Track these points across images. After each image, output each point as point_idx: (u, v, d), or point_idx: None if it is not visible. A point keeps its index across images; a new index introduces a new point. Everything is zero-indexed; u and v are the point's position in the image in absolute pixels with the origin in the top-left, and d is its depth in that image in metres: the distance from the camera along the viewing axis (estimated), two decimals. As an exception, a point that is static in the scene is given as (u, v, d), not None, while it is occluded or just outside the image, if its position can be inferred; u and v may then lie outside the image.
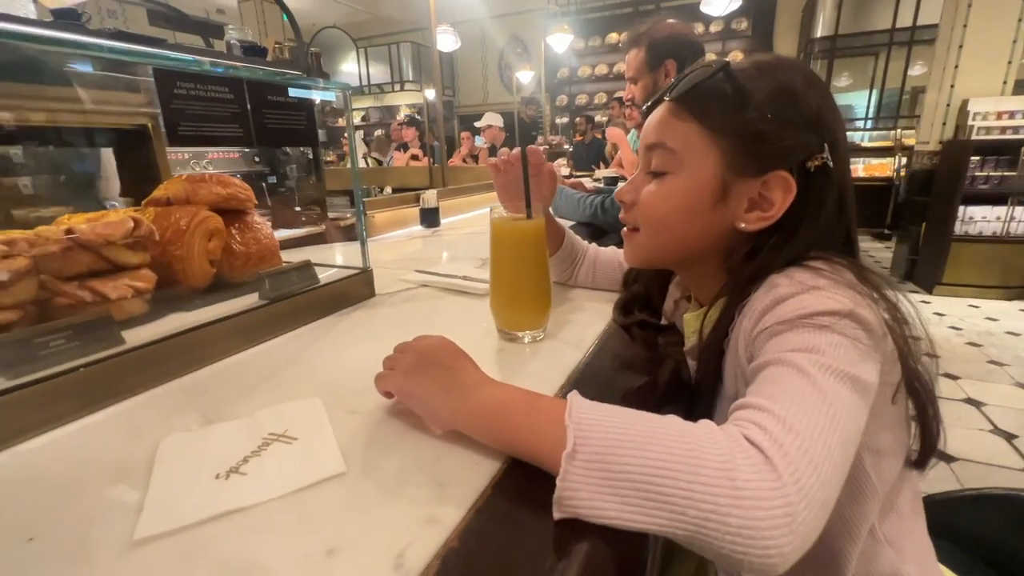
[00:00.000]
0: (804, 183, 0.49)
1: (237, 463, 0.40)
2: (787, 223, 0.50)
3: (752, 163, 0.50)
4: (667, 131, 0.54)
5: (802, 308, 0.42)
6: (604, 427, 0.34)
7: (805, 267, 0.47)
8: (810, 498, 0.30)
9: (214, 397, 0.53)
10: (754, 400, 0.37)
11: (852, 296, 0.43)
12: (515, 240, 0.61)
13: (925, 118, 3.91)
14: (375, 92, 8.37)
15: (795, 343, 0.40)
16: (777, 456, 0.31)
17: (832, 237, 0.51)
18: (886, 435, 0.49)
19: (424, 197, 1.61)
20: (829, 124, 0.50)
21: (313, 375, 0.57)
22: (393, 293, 0.87)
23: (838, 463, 0.33)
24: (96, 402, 0.50)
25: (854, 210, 0.52)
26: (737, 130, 0.50)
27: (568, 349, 0.62)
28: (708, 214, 0.52)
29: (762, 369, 0.40)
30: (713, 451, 0.32)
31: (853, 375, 0.38)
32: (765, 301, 0.45)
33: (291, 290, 0.71)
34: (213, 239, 0.70)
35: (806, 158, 0.49)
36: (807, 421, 0.34)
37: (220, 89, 0.59)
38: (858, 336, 0.40)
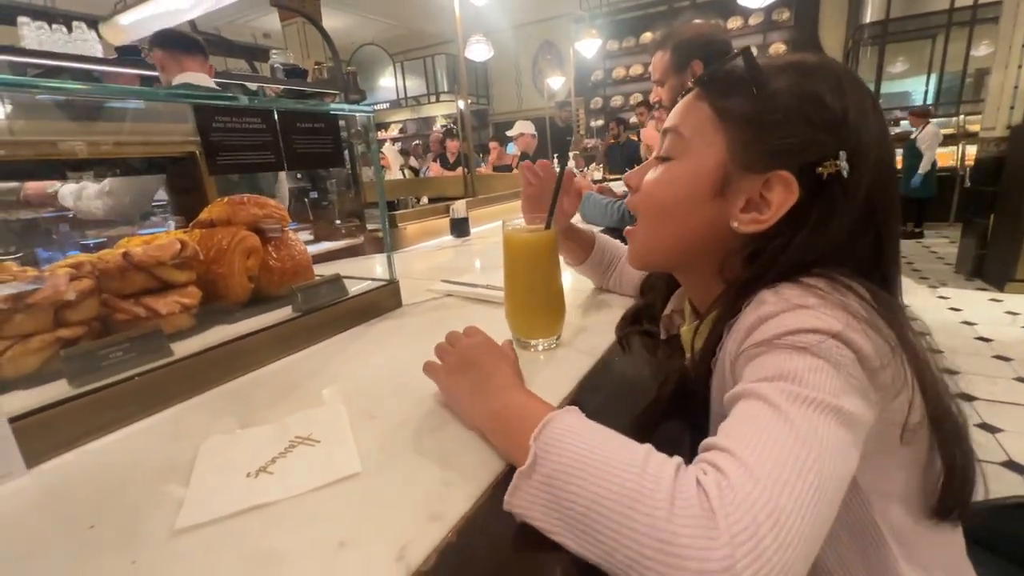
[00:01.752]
0: (813, 190, 0.45)
1: (266, 463, 0.44)
2: (788, 232, 0.46)
3: (756, 157, 0.47)
4: (682, 115, 0.52)
5: (782, 327, 0.39)
6: (565, 449, 0.34)
7: (798, 283, 0.42)
8: (760, 557, 0.26)
9: (250, 403, 0.57)
10: (719, 440, 0.34)
11: (843, 317, 0.38)
12: (527, 251, 0.63)
13: (990, 102, 3.65)
14: (412, 104, 8.62)
15: (770, 369, 0.37)
16: (722, 508, 0.28)
17: (845, 253, 0.46)
18: (896, 477, 0.44)
19: (454, 207, 1.65)
20: (855, 130, 0.45)
21: (339, 382, 0.61)
22: (419, 303, 0.91)
23: (811, 513, 0.29)
24: (148, 408, 0.55)
25: (888, 226, 0.47)
26: (745, 117, 0.47)
27: (581, 357, 0.63)
28: (705, 207, 0.50)
29: (735, 402, 0.37)
30: (651, 497, 0.29)
31: (836, 406, 0.34)
32: (751, 319, 0.42)
33: (322, 303, 0.76)
34: (251, 257, 0.76)
35: (816, 161, 0.44)
36: (772, 466, 0.30)
37: (253, 120, 0.65)
38: (843, 361, 0.36)
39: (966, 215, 4.08)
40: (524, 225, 0.66)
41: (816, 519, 0.29)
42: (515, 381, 0.47)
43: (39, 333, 0.56)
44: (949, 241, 4.93)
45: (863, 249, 0.47)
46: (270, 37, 6.58)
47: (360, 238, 1.67)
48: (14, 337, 0.54)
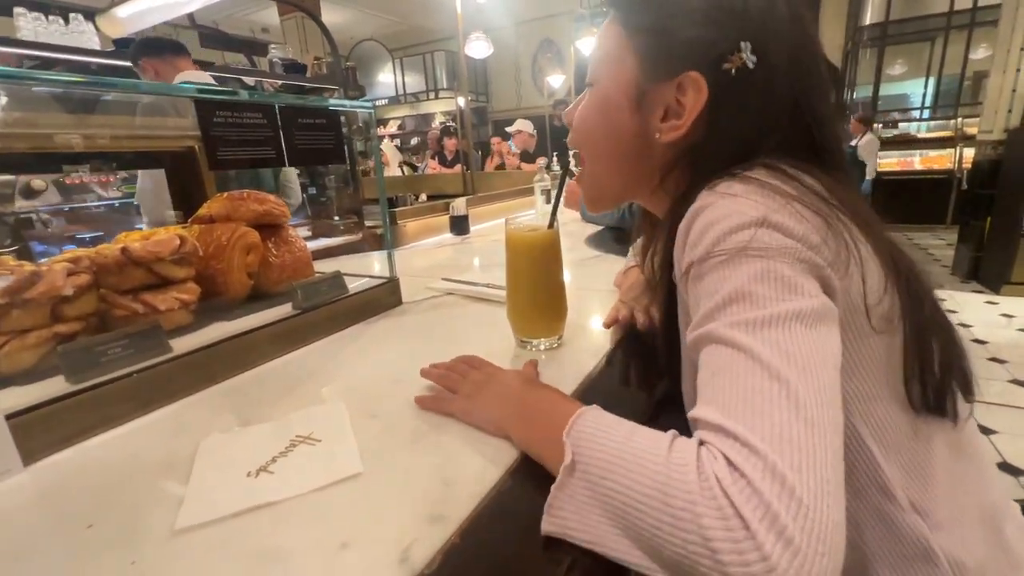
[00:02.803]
0: (722, 87, 0.44)
1: (267, 462, 0.43)
2: (710, 133, 0.46)
3: (663, 64, 0.47)
4: (598, 40, 0.53)
5: (709, 224, 0.38)
6: (598, 444, 0.34)
7: (733, 175, 0.42)
8: (789, 529, 0.26)
9: (250, 400, 0.57)
10: (703, 413, 0.32)
11: (767, 200, 0.37)
12: (529, 250, 0.63)
13: (988, 105, 3.66)
14: (411, 101, 8.59)
15: (717, 293, 0.36)
16: (741, 498, 0.27)
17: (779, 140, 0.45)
18: (873, 373, 0.41)
19: (454, 205, 1.65)
20: (758, 20, 0.44)
21: (340, 380, 0.61)
22: (419, 301, 0.91)
23: (818, 457, 0.28)
24: (147, 404, 0.55)
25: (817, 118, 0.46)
26: (649, 27, 0.48)
27: (583, 356, 0.63)
28: (628, 124, 0.50)
29: (699, 348, 0.36)
30: (682, 490, 0.29)
31: (796, 310, 0.33)
32: (686, 220, 0.41)
33: (322, 300, 0.75)
34: (251, 253, 0.75)
35: (721, 57, 0.44)
36: (760, 421, 0.29)
37: (254, 115, 0.64)
38: (781, 248, 0.35)
39: (963, 217, 4.10)
40: (527, 223, 0.66)
41: (824, 444, 0.29)
42: (528, 377, 0.50)
43: (36, 329, 0.55)
44: (945, 243, 4.95)
45: (797, 139, 0.45)
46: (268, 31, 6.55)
47: (359, 235, 1.67)
48: (10, 333, 0.54)
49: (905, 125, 5.85)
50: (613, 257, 1.19)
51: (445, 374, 0.55)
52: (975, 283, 3.85)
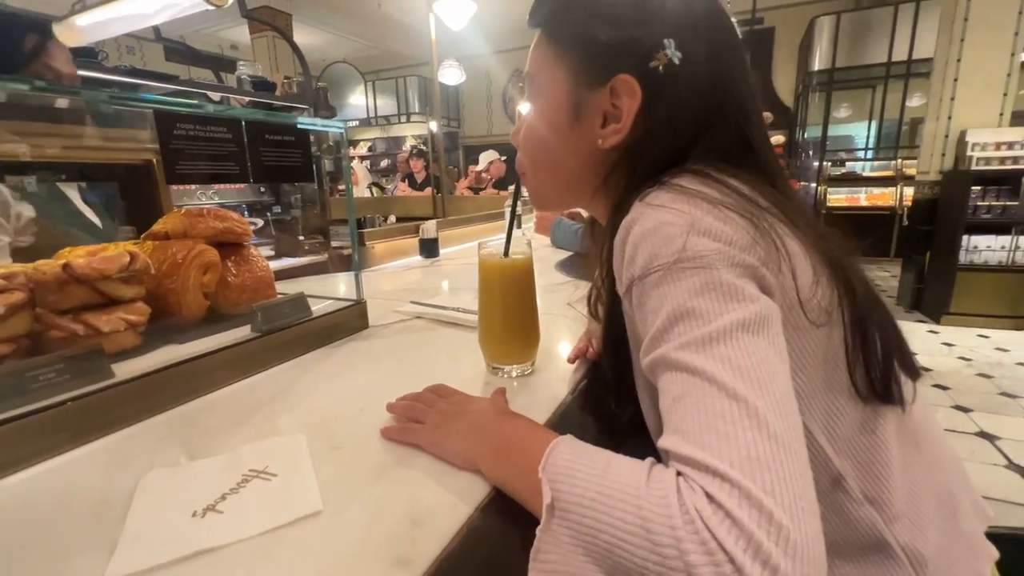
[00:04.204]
0: (653, 86, 0.45)
1: (215, 500, 0.40)
2: (644, 134, 0.46)
3: (593, 72, 0.47)
4: (530, 59, 0.53)
5: (642, 239, 0.38)
6: (576, 480, 0.32)
7: (662, 184, 0.42)
8: (778, 563, 0.26)
9: (200, 431, 0.53)
10: (671, 444, 0.32)
11: (694, 206, 0.38)
12: (502, 277, 0.62)
13: (925, 148, 3.95)
14: (382, 123, 8.59)
15: (660, 313, 0.35)
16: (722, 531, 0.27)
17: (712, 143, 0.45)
18: (815, 366, 0.41)
19: (423, 228, 1.63)
20: (677, 16, 0.45)
21: (300, 408, 0.57)
22: (387, 325, 0.88)
23: (787, 474, 0.28)
24: (83, 435, 0.50)
25: (744, 111, 0.46)
26: (574, 38, 0.48)
27: (556, 383, 0.62)
28: (569, 136, 0.50)
29: (654, 375, 0.36)
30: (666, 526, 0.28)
31: (739, 320, 0.33)
32: (620, 233, 0.41)
33: (284, 322, 0.72)
34: (208, 272, 0.72)
35: (646, 56, 0.45)
36: (731, 448, 0.29)
37: (218, 129, 0.62)
38: (714, 252, 0.35)
39: (905, 251, 4.37)
40: (500, 249, 0.65)
41: (791, 457, 0.29)
42: (501, 408, 0.48)
43: (-43, 351, 0.50)
44: (890, 275, 5.25)
45: (726, 138, 0.46)
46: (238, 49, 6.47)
47: (324, 255, 1.62)
48: (-73, 355, 0.48)
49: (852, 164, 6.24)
50: (584, 283, 1.20)
51: (411, 404, 0.52)
52: (918, 313, 4.08)
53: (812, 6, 5.88)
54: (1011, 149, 3.60)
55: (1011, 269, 3.60)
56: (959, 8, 3.64)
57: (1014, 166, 3.57)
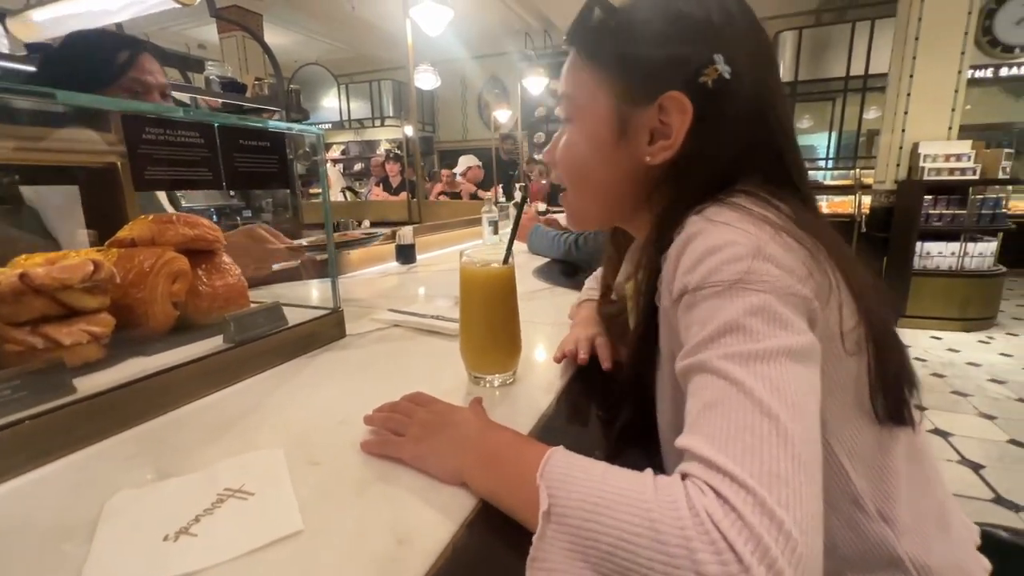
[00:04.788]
0: (703, 102, 0.45)
1: (188, 523, 0.38)
2: (695, 150, 0.46)
3: (640, 89, 0.47)
4: (565, 78, 0.53)
5: (705, 252, 0.38)
6: (575, 487, 0.32)
7: (719, 201, 0.43)
8: (782, 568, 0.27)
9: (171, 448, 0.51)
10: (692, 444, 0.32)
11: (760, 231, 0.38)
12: (485, 286, 0.62)
13: (881, 159, 4.15)
14: (355, 127, 8.49)
15: (710, 322, 0.36)
16: (733, 531, 0.27)
17: (756, 162, 0.46)
18: (845, 391, 0.43)
19: (400, 234, 1.61)
20: (723, 31, 0.46)
21: (276, 422, 0.56)
22: (364, 334, 0.86)
23: (803, 493, 0.29)
24: (43, 455, 0.47)
25: (787, 129, 0.47)
26: (616, 57, 0.48)
27: (537, 393, 0.62)
28: (613, 154, 0.50)
29: (689, 377, 0.36)
30: (674, 527, 0.28)
31: (787, 347, 0.34)
32: (677, 245, 0.42)
33: (258, 332, 0.70)
34: (178, 281, 0.69)
35: (696, 72, 0.45)
36: (751, 460, 0.30)
37: (189, 134, 0.60)
38: (775, 281, 0.36)
39: (863, 257, 4.56)
40: (481, 258, 0.65)
41: (810, 493, 0.29)
42: (486, 421, 0.46)
43: (-99, 368, 0.47)
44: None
45: (767, 159, 0.47)
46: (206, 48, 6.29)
47: (297, 262, 1.58)
48: None
49: (813, 173, 6.49)
50: (561, 290, 1.21)
51: (389, 416, 0.51)
52: (877, 317, 4.26)
53: (776, 20, 6.09)
54: (959, 161, 3.81)
55: (960, 274, 3.80)
56: (910, 27, 3.84)
57: (961, 177, 3.78)
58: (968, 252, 3.80)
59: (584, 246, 1.47)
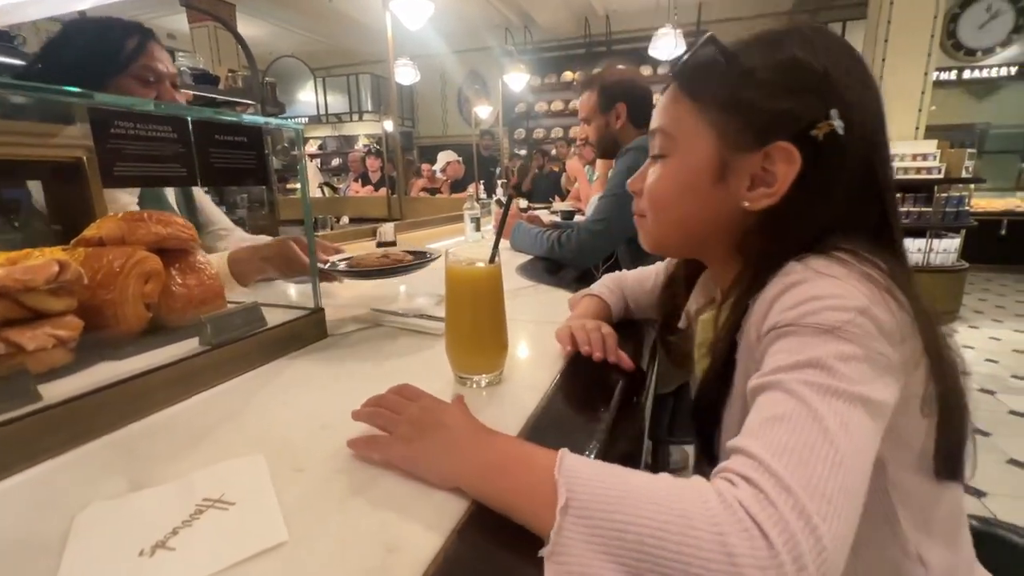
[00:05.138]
0: (811, 155, 0.45)
1: (165, 536, 0.36)
2: (797, 200, 0.46)
3: (748, 135, 0.47)
4: (664, 114, 0.53)
5: (809, 298, 0.39)
6: (594, 483, 0.33)
7: (824, 255, 0.43)
8: (806, 562, 0.27)
9: (144, 457, 0.49)
10: (744, 443, 0.33)
11: (868, 290, 0.39)
12: (471, 286, 0.61)
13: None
14: (333, 121, 8.34)
15: (797, 353, 0.36)
16: (769, 523, 0.28)
17: (859, 218, 0.46)
18: (912, 447, 0.45)
19: (381, 230, 1.59)
20: (838, 86, 0.45)
21: (257, 427, 0.54)
22: (347, 334, 0.85)
23: (843, 516, 0.30)
24: (6, 468, 0.45)
25: (889, 188, 0.48)
26: (727, 101, 0.48)
27: (525, 392, 0.62)
28: (709, 194, 0.50)
29: (759, 392, 0.37)
30: (704, 513, 0.29)
31: (864, 397, 0.34)
32: (776, 288, 0.42)
33: (235, 334, 0.67)
34: (150, 281, 0.66)
35: (809, 125, 0.45)
36: (803, 472, 0.30)
37: (162, 128, 0.57)
38: (872, 342, 0.37)
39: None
40: (467, 257, 0.64)
41: (847, 517, 0.30)
42: (481, 427, 0.44)
43: None
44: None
45: (871, 216, 0.47)
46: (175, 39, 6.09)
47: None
48: None
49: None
50: (545, 287, 1.20)
51: (376, 411, 0.49)
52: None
53: (751, 21, 6.20)
54: (925, 160, 3.94)
55: (926, 270, 3.94)
56: (880, 29, 3.95)
57: (928, 176, 3.91)
58: (933, 248, 3.94)
59: (567, 244, 1.47)
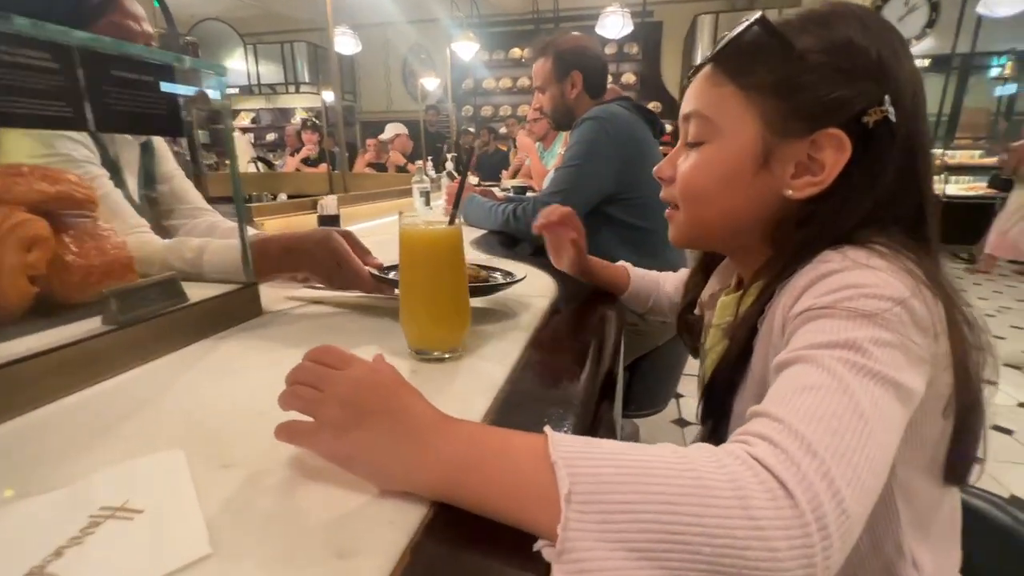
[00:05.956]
0: (861, 141, 0.44)
1: (46, 558, 0.28)
2: (841, 189, 0.44)
3: (796, 122, 0.45)
4: (702, 97, 0.50)
5: (847, 286, 0.37)
6: (595, 461, 0.28)
7: (863, 246, 0.42)
8: (831, 531, 0.26)
9: (31, 458, 0.39)
10: (769, 408, 0.31)
11: (910, 283, 0.38)
12: (430, 250, 0.54)
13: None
14: (267, 92, 7.79)
15: (831, 334, 0.35)
16: (793, 481, 0.26)
17: (897, 210, 0.45)
18: (927, 447, 0.44)
19: (322, 203, 1.47)
20: (891, 71, 0.44)
21: (176, 418, 0.46)
22: (285, 311, 0.75)
23: (866, 489, 0.28)
24: None
25: (929, 178, 0.47)
26: (776, 85, 0.45)
27: (491, 366, 0.56)
28: (751, 183, 0.48)
29: (787, 366, 0.35)
30: (721, 475, 0.27)
31: (897, 381, 0.33)
32: (810, 275, 0.41)
33: (148, 311, 0.57)
34: (34, 249, 0.55)
35: (861, 112, 0.43)
36: (831, 439, 0.29)
37: (39, 55, 0.46)
38: (908, 332, 0.35)
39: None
40: (424, 219, 0.57)
41: (870, 491, 0.29)
42: (439, 413, 0.35)
43: None
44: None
45: (907, 208, 0.46)
46: (76, -9, 5.41)
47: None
48: None
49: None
50: (499, 260, 1.15)
51: (292, 391, 0.38)
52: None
53: (696, 4, 6.31)
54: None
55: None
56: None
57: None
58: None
59: (523, 216, 1.42)
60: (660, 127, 1.57)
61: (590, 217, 1.49)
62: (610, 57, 6.62)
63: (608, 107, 1.44)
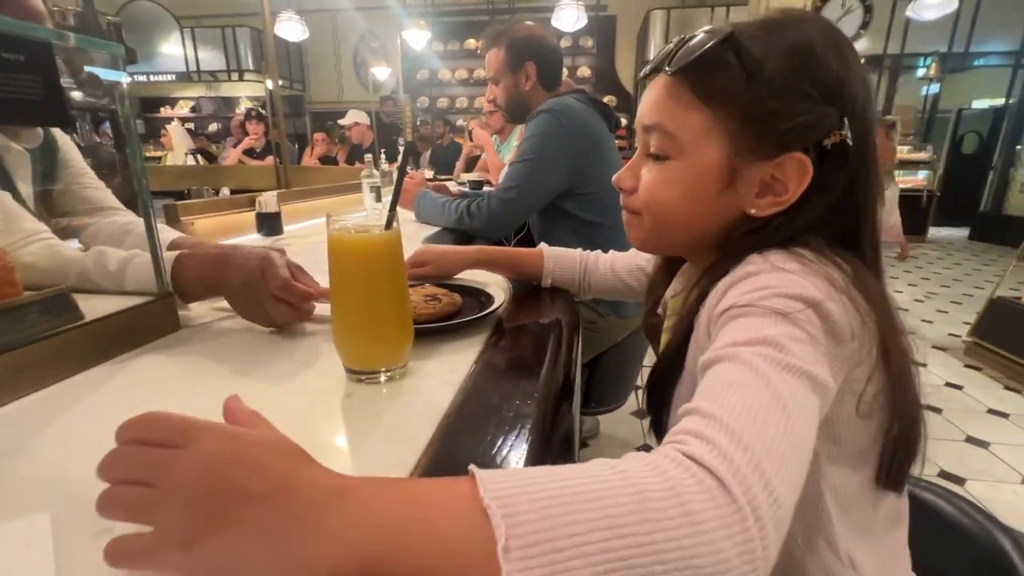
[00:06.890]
0: (819, 162, 0.45)
1: None
2: (794, 206, 0.46)
3: (763, 145, 0.45)
4: (664, 111, 0.48)
5: (762, 287, 0.39)
6: (530, 497, 0.25)
7: (786, 250, 0.43)
8: (765, 521, 0.26)
9: None
10: (699, 404, 0.32)
11: (823, 287, 0.39)
12: (364, 259, 0.48)
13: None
14: (207, 80, 7.34)
15: (750, 332, 0.36)
16: (728, 475, 0.26)
17: (836, 222, 0.46)
18: (849, 446, 0.44)
19: (261, 200, 1.36)
20: (851, 91, 0.44)
21: (47, 468, 0.38)
22: (207, 325, 0.67)
23: (793, 477, 0.29)
24: None
25: (873, 192, 0.47)
26: (744, 109, 0.45)
27: (437, 386, 0.51)
28: (715, 200, 0.48)
29: (713, 364, 0.36)
30: (659, 483, 0.26)
31: (812, 374, 0.34)
32: (734, 276, 0.42)
33: (27, 334, 0.49)
34: None
35: (823, 136, 0.44)
36: (758, 431, 0.29)
37: None
38: (816, 333, 0.37)
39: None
40: (355, 224, 0.51)
41: (796, 479, 0.30)
42: (336, 477, 0.26)
43: None
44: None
45: (847, 218, 0.47)
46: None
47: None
48: None
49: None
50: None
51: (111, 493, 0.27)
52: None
53: (649, -1, 6.38)
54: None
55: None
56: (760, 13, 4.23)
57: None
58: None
59: (478, 213, 1.37)
60: (616, 121, 1.55)
61: (545, 212, 1.45)
62: (565, 51, 6.61)
63: (563, 100, 1.40)
